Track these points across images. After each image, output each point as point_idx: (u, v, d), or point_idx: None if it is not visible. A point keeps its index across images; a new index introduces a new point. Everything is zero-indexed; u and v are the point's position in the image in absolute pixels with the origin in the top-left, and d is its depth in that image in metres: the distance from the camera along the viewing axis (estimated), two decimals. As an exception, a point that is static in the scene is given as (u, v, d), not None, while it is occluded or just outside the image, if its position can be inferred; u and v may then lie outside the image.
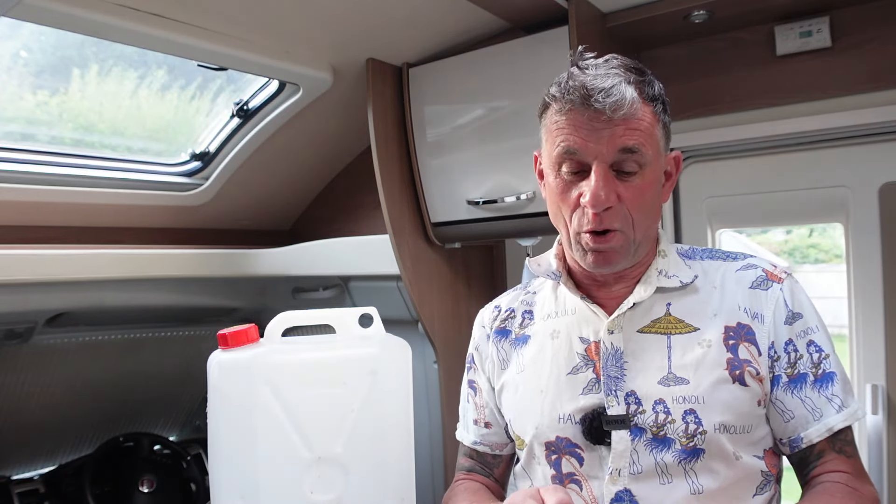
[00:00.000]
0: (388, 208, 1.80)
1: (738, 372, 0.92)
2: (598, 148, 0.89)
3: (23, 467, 2.25)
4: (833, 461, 0.93)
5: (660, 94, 0.94)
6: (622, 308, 0.97)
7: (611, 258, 0.94)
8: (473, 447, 1.16)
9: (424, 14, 1.62)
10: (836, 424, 0.92)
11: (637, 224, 0.93)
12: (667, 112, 0.95)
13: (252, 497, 1.04)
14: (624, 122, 0.89)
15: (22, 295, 1.73)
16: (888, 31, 1.53)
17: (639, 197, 0.92)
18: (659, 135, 0.93)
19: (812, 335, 0.95)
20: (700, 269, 1.01)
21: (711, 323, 0.96)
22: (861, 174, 1.60)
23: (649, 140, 0.91)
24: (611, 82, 0.88)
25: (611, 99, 0.87)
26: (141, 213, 2.02)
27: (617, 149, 0.89)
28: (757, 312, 0.95)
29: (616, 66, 0.93)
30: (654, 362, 0.95)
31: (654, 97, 0.93)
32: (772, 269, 0.99)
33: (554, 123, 0.93)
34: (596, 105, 0.88)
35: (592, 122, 0.89)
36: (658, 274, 0.99)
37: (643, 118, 0.90)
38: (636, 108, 0.89)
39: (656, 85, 0.95)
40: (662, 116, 0.94)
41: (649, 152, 0.91)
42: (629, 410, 0.93)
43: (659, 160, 0.94)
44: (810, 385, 0.93)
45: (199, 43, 1.52)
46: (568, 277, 1.04)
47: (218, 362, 1.06)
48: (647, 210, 0.94)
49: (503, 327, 1.12)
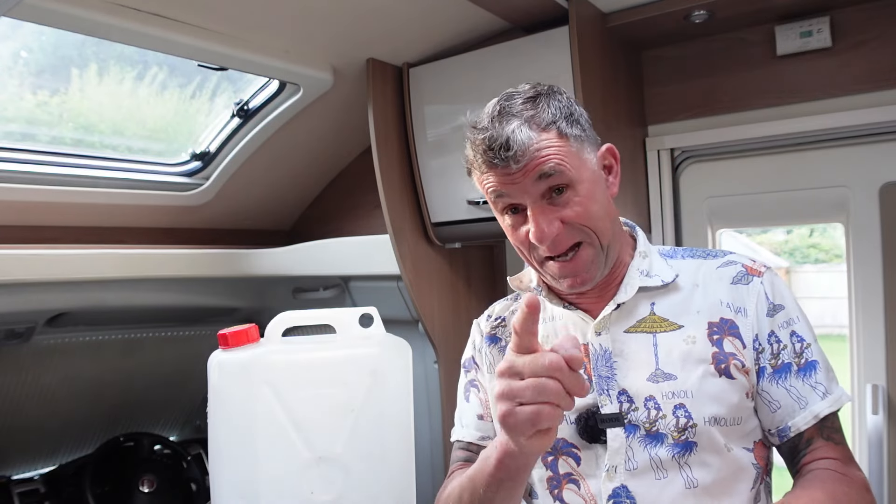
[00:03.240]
0: (388, 208, 1.80)
1: (723, 365, 0.95)
2: (522, 189, 0.93)
3: (23, 467, 2.25)
4: (822, 448, 0.95)
5: (559, 110, 0.95)
6: (607, 310, 0.99)
7: (583, 275, 0.96)
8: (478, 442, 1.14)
9: (425, 14, 1.62)
10: (822, 411, 0.94)
11: (596, 230, 0.95)
12: (574, 122, 0.96)
13: (252, 497, 1.04)
14: (531, 160, 0.91)
15: (22, 295, 1.73)
16: (888, 31, 1.53)
17: (583, 210, 0.94)
18: (574, 148, 0.95)
19: (793, 325, 0.97)
20: (681, 268, 1.03)
21: (695, 320, 0.98)
22: (861, 174, 1.60)
23: (564, 157, 0.93)
24: (506, 133, 0.91)
25: (510, 152, 0.91)
26: (141, 213, 2.02)
27: (535, 179, 0.92)
28: (739, 307, 0.98)
29: (508, 109, 0.94)
30: (642, 360, 0.97)
31: (551, 120, 0.94)
32: (751, 263, 1.02)
33: (480, 180, 0.98)
34: (500, 163, 0.92)
35: (507, 173, 0.93)
36: (639, 274, 1.01)
37: (548, 146, 0.92)
38: (537, 144, 0.92)
39: (553, 103, 0.95)
40: (569, 130, 0.95)
41: (568, 167, 0.93)
42: (622, 408, 0.95)
43: (586, 168, 0.96)
44: (794, 374, 0.95)
45: (199, 43, 1.52)
46: (549, 291, 1.06)
47: (218, 362, 1.06)
48: (598, 215, 0.96)
49: (493, 334, 1.14)
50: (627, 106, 1.77)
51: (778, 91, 1.66)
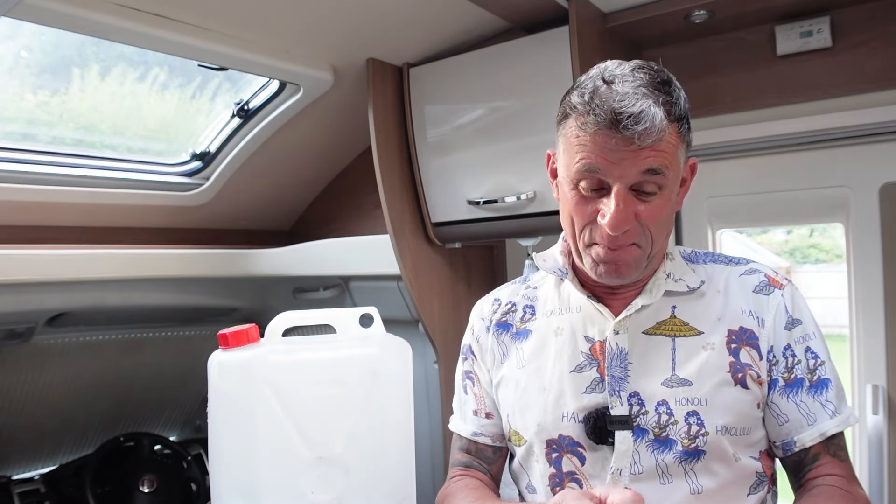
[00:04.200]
0: (388, 208, 1.80)
1: (739, 375, 0.94)
2: (621, 171, 0.88)
3: (23, 467, 2.25)
4: (828, 464, 0.94)
5: (685, 110, 0.92)
6: (630, 310, 0.98)
7: (623, 271, 0.94)
8: (473, 439, 1.14)
9: (425, 14, 1.62)
10: (829, 430, 0.94)
11: (654, 238, 0.93)
12: (689, 128, 0.94)
13: (252, 497, 1.04)
14: (650, 146, 0.86)
15: (22, 295, 1.73)
16: (888, 31, 1.53)
17: (657, 214, 0.91)
18: (681, 155, 0.92)
19: (809, 342, 0.96)
20: (704, 274, 1.02)
21: (715, 326, 0.96)
22: (861, 174, 1.60)
23: (673, 162, 0.90)
24: (640, 106, 0.84)
25: (640, 126, 0.84)
26: (141, 213, 2.02)
27: (640, 171, 0.88)
28: (759, 317, 0.97)
29: (645, 82, 0.88)
30: (659, 364, 0.95)
31: (680, 116, 0.90)
32: (773, 274, 1.01)
33: (576, 137, 0.90)
34: (625, 133, 0.85)
35: (618, 146, 0.86)
36: (666, 277, 1.00)
37: (669, 140, 0.88)
38: (664, 133, 0.87)
39: (682, 100, 0.92)
40: (686, 135, 0.92)
41: (671, 173, 0.90)
42: (632, 411, 0.94)
43: (678, 175, 0.94)
44: (805, 390, 0.95)
45: (199, 43, 1.52)
46: (574, 275, 1.04)
47: (218, 362, 1.06)
48: (663, 224, 0.94)
49: (504, 321, 1.12)
50: (627, 106, 1.77)
51: (778, 91, 1.66)
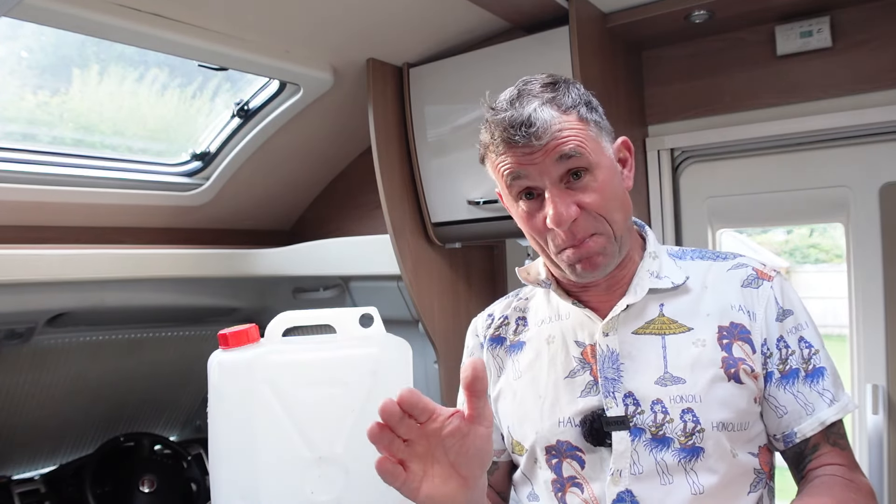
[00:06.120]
0: (388, 208, 1.80)
1: (733, 370, 0.94)
2: (540, 169, 0.92)
3: (23, 467, 2.25)
4: (828, 454, 0.94)
5: (578, 97, 0.95)
6: (616, 310, 0.98)
7: (596, 261, 0.95)
8: None
9: (425, 14, 1.62)
10: (829, 418, 0.94)
11: (611, 221, 0.94)
12: (593, 110, 0.97)
13: (252, 497, 1.04)
14: (552, 140, 0.91)
15: (22, 295, 1.74)
16: (888, 31, 1.53)
17: (600, 197, 0.93)
18: (593, 133, 0.95)
19: (802, 331, 0.97)
20: (690, 270, 1.02)
21: (705, 322, 0.97)
22: (861, 174, 1.60)
23: (586, 142, 0.93)
24: (526, 112, 0.90)
25: (532, 128, 0.90)
26: (141, 213, 2.02)
27: (556, 161, 0.91)
28: (749, 310, 0.97)
29: (527, 91, 0.94)
30: (651, 363, 0.96)
31: (571, 104, 0.94)
32: (761, 267, 1.01)
33: (496, 164, 0.96)
34: (524, 139, 0.90)
35: (527, 152, 0.91)
36: (649, 275, 1.00)
37: (571, 127, 0.92)
38: (558, 124, 0.91)
39: (572, 90, 0.96)
40: (589, 115, 0.95)
41: (588, 150, 0.92)
42: (628, 411, 0.94)
43: (604, 154, 0.96)
44: (802, 380, 0.95)
45: (199, 43, 1.52)
46: (557, 285, 1.05)
47: (218, 362, 1.06)
48: (614, 205, 0.95)
49: (497, 335, 1.13)
50: (627, 106, 1.77)
51: (778, 91, 1.66)
